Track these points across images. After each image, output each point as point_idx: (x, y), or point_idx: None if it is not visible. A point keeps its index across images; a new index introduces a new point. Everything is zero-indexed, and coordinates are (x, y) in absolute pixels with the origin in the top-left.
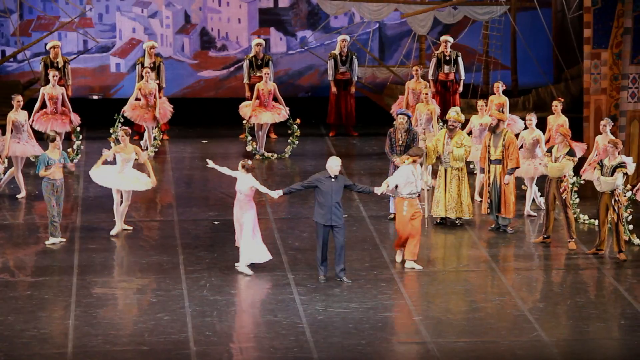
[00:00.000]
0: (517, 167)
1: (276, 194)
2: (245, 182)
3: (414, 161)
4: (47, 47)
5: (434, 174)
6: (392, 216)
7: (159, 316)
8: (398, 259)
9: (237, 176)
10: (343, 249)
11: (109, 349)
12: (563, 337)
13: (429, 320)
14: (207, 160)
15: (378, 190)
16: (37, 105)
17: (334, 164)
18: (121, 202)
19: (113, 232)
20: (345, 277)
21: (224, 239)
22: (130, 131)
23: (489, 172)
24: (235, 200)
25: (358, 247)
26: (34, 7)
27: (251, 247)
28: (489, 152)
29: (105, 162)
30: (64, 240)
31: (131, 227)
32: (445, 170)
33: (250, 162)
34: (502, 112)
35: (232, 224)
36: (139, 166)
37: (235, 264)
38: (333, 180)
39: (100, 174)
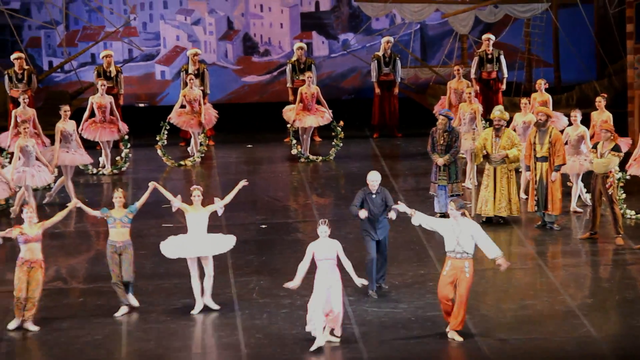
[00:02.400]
0: (564, 164)
1: (362, 213)
2: (331, 247)
3: (455, 205)
4: (101, 57)
5: (480, 172)
6: (437, 216)
7: (210, 319)
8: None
9: (315, 248)
10: (385, 261)
11: (162, 353)
12: (613, 332)
13: (478, 318)
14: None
15: (391, 214)
16: (86, 114)
17: (370, 180)
18: (201, 275)
19: (194, 311)
20: (383, 284)
21: (272, 242)
22: (202, 189)
23: (535, 169)
24: (318, 271)
25: (405, 247)
26: (80, 17)
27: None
28: (534, 150)
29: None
30: (129, 306)
31: (219, 307)
32: (495, 170)
33: (326, 220)
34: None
35: (280, 227)
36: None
37: (328, 339)
38: (374, 196)
39: (170, 246)
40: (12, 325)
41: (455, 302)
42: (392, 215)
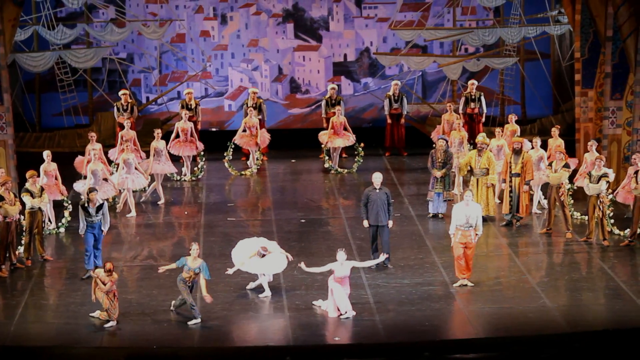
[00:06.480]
0: (532, 179)
1: (365, 223)
2: (348, 267)
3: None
4: (184, 93)
5: (466, 183)
6: (430, 215)
7: (260, 290)
8: (458, 283)
9: (334, 267)
10: (387, 243)
11: (225, 314)
12: (562, 303)
13: (462, 290)
14: (301, 264)
15: (390, 224)
16: (173, 135)
17: (374, 178)
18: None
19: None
20: (389, 263)
21: (309, 233)
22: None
23: (510, 182)
24: (336, 284)
25: (408, 238)
26: (169, 64)
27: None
28: (510, 167)
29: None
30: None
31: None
32: (477, 180)
33: (343, 248)
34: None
35: (315, 222)
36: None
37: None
38: (377, 191)
39: (239, 255)
40: (108, 325)
41: (465, 261)
42: (390, 224)
